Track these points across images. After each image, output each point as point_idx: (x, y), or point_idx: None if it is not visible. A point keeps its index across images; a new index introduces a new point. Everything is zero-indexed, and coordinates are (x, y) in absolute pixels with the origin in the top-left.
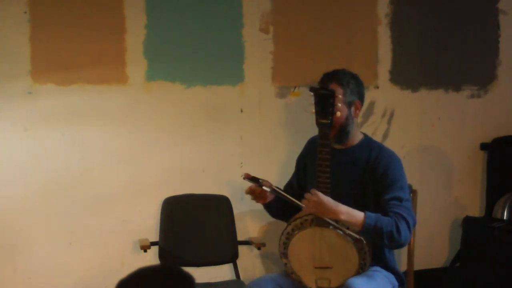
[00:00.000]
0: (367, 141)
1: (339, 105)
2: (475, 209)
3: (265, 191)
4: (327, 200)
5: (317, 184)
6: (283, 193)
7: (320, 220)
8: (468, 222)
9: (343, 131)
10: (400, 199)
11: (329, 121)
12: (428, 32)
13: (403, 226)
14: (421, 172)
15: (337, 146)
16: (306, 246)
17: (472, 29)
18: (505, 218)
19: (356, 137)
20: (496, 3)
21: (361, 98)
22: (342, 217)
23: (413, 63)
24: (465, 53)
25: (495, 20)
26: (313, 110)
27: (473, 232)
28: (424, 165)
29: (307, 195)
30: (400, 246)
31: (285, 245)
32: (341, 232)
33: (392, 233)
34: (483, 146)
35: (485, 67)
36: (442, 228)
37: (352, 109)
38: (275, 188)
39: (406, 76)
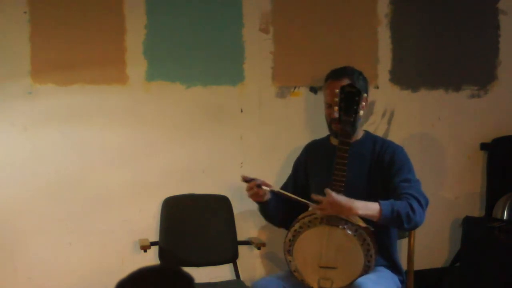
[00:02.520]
0: (369, 135)
1: (363, 104)
2: (475, 209)
3: (263, 190)
4: (342, 198)
5: (333, 182)
6: (286, 193)
7: (330, 219)
8: (468, 222)
9: (352, 125)
10: (409, 181)
11: (352, 119)
12: (428, 32)
13: (415, 205)
14: (421, 172)
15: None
16: (313, 244)
17: (472, 29)
18: (505, 218)
19: (359, 133)
20: (496, 3)
21: (367, 93)
22: (359, 212)
23: (413, 63)
24: (465, 53)
25: (495, 20)
26: (336, 107)
27: (473, 232)
28: (424, 165)
29: (319, 198)
30: (416, 225)
31: (291, 242)
32: (349, 232)
33: (408, 214)
34: (483, 146)
35: (485, 67)
36: (442, 228)
37: (361, 103)
38: (279, 190)
39: (406, 76)
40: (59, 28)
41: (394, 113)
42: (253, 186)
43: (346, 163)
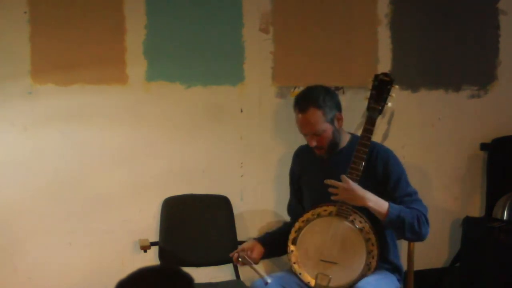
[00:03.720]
0: (355, 139)
1: (393, 95)
2: (475, 209)
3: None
4: (356, 187)
5: (350, 171)
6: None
7: (340, 212)
8: (468, 222)
9: (332, 145)
10: (410, 195)
11: (380, 107)
12: (428, 32)
13: (422, 220)
14: (421, 172)
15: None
16: (318, 235)
17: (472, 29)
18: (505, 218)
19: (344, 140)
20: (496, 3)
21: (339, 108)
22: (370, 204)
23: (413, 63)
24: (465, 53)
25: (495, 20)
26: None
27: (473, 232)
28: (424, 165)
29: (334, 183)
30: (420, 239)
31: (298, 232)
32: (357, 227)
33: (413, 226)
34: (483, 146)
35: (485, 67)
36: (442, 228)
37: (335, 122)
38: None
39: (406, 76)
40: (59, 28)
41: (394, 113)
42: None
43: (366, 152)
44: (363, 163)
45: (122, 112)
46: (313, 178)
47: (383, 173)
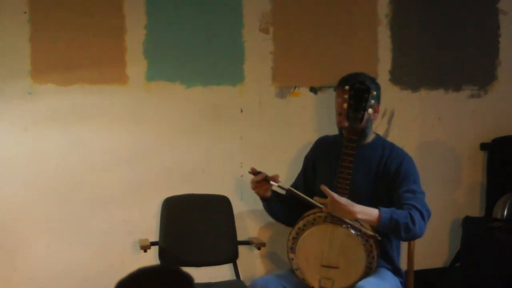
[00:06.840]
0: (379, 139)
1: (372, 101)
2: (475, 209)
3: (270, 184)
4: (343, 201)
5: (338, 180)
6: (298, 192)
7: (335, 218)
8: (468, 222)
9: (363, 133)
10: (413, 192)
11: (360, 116)
12: (428, 32)
13: (417, 217)
14: (421, 172)
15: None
16: (316, 242)
17: (472, 29)
18: (505, 218)
19: (370, 136)
20: (496, 3)
21: (379, 101)
22: (359, 216)
23: (413, 63)
24: (465, 53)
25: (495, 20)
26: (345, 105)
27: (473, 232)
28: (424, 165)
29: (324, 197)
30: (416, 237)
31: (295, 240)
32: (353, 232)
33: (407, 225)
34: (483, 146)
35: (485, 67)
36: (442, 228)
37: (371, 111)
38: (289, 188)
39: (406, 76)
40: (59, 28)
41: (394, 113)
42: (258, 179)
43: (352, 161)
44: (352, 172)
45: (122, 112)
46: (330, 169)
47: (395, 171)
